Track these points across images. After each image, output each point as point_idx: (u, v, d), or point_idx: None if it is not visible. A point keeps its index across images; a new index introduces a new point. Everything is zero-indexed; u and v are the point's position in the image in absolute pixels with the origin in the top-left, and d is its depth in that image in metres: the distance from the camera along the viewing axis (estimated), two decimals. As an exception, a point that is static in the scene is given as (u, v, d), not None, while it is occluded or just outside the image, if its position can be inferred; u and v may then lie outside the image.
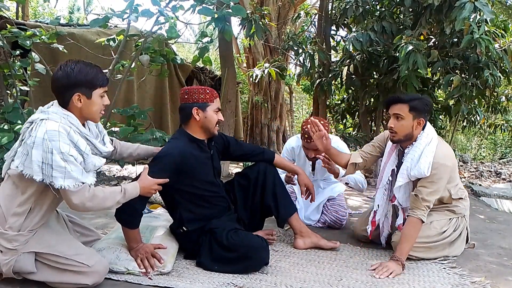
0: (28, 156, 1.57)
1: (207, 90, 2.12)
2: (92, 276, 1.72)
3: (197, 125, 2.11)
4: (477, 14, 3.45)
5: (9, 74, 4.13)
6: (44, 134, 1.55)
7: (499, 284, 1.99)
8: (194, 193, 2.13)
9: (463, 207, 2.33)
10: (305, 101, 15.95)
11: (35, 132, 1.57)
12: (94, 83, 1.69)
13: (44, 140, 1.54)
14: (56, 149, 1.54)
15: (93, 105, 1.71)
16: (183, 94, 2.13)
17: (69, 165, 1.57)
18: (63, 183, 1.57)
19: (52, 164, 1.54)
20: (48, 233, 1.74)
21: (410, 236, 2.12)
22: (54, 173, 1.55)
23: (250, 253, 1.99)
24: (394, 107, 2.21)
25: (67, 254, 1.70)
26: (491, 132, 8.36)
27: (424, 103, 2.17)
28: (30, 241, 1.68)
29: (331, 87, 5.19)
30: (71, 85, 1.65)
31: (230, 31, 3.65)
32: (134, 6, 3.26)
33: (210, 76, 8.46)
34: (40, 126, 1.58)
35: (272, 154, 2.44)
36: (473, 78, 4.15)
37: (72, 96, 1.66)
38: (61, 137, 1.56)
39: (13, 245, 1.64)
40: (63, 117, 1.64)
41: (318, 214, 2.91)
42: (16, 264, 1.65)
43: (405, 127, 2.18)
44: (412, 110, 2.16)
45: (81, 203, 1.63)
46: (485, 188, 5.33)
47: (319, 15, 5.69)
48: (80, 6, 17.78)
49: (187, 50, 19.24)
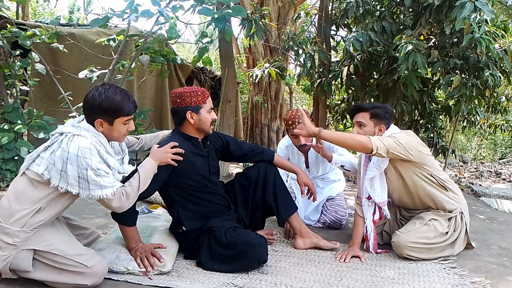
0: (55, 167, 1.66)
1: (199, 91, 2.11)
2: (90, 277, 1.73)
3: (192, 127, 2.14)
4: (477, 14, 3.45)
5: (9, 74, 4.13)
6: (78, 151, 1.64)
7: (499, 284, 1.99)
8: (189, 189, 2.14)
9: (456, 204, 2.32)
10: (305, 101, 15.95)
11: (67, 147, 1.65)
12: (118, 112, 1.75)
13: (78, 157, 1.63)
14: (89, 166, 1.65)
15: (114, 131, 1.80)
16: (174, 98, 2.12)
17: (102, 178, 1.69)
18: (101, 194, 1.70)
19: (87, 179, 1.66)
20: (49, 231, 1.75)
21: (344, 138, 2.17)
22: (91, 187, 1.68)
23: (248, 250, 2.00)
24: (357, 115, 2.36)
25: (67, 254, 1.70)
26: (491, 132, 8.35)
27: (384, 111, 2.33)
28: (31, 238, 1.69)
29: (331, 87, 5.19)
30: (95, 110, 1.74)
31: (230, 32, 3.65)
32: (134, 6, 3.26)
33: (210, 76, 8.46)
34: (73, 141, 1.66)
35: (272, 154, 2.44)
36: (473, 78, 4.15)
37: (94, 121, 1.74)
38: (92, 154, 1.66)
39: (13, 241, 1.65)
40: (94, 136, 1.73)
41: (317, 214, 2.91)
42: (13, 261, 1.66)
43: (369, 133, 2.30)
44: (373, 117, 2.32)
45: (120, 205, 1.78)
46: (485, 188, 5.33)
47: (319, 15, 5.69)
48: (80, 6, 17.79)
49: (187, 50, 19.24)
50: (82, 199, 1.75)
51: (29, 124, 4.08)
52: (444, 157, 5.74)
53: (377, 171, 2.27)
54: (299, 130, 2.35)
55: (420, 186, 2.28)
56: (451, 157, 6.77)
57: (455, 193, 2.36)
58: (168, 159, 1.99)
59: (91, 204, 3.12)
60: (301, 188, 2.41)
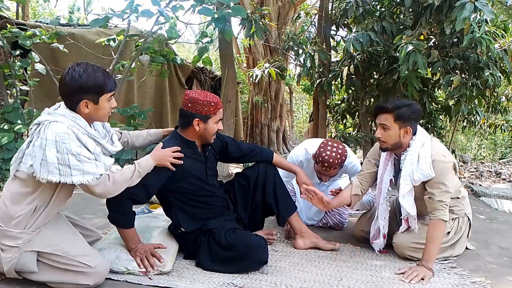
0: (37, 158, 1.60)
1: (212, 103, 2.04)
2: (93, 277, 1.73)
3: (195, 134, 2.10)
4: (477, 14, 3.45)
5: (9, 74, 4.13)
6: (55, 136, 1.58)
7: (499, 284, 1.99)
8: (186, 193, 2.12)
9: (462, 207, 2.32)
10: (305, 101, 15.96)
11: (44, 134, 1.60)
12: (102, 89, 1.71)
13: (57, 142, 1.58)
14: (69, 151, 1.59)
15: (100, 109, 1.75)
16: (187, 101, 2.06)
17: (83, 164, 1.63)
18: (83, 179, 1.63)
19: (69, 164, 1.60)
20: (52, 232, 1.74)
21: (436, 238, 2.07)
22: (73, 172, 1.61)
23: (248, 252, 1.99)
24: (380, 117, 2.16)
25: (70, 254, 1.70)
26: (491, 132, 8.34)
27: (410, 111, 2.11)
28: (33, 239, 1.68)
29: (331, 87, 5.18)
30: (78, 91, 1.67)
31: (230, 31, 3.65)
32: (134, 6, 3.26)
33: (210, 76, 8.46)
34: (49, 128, 1.60)
35: (271, 154, 2.44)
36: (473, 78, 4.14)
37: (79, 102, 1.69)
38: (70, 138, 1.61)
39: (16, 243, 1.65)
40: (71, 119, 1.67)
41: (321, 214, 2.90)
42: (18, 262, 1.66)
43: (392, 137, 2.14)
44: (398, 119, 2.11)
45: (105, 192, 1.72)
46: (485, 188, 5.33)
47: (319, 15, 5.69)
48: (80, 6, 17.79)
49: (187, 50, 19.24)
50: (82, 199, 1.75)
51: (29, 124, 4.08)
52: (444, 157, 5.73)
53: (412, 182, 2.12)
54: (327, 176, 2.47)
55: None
56: (451, 157, 6.75)
57: (464, 199, 2.35)
58: (167, 163, 1.96)
59: (91, 204, 3.12)
60: (300, 189, 2.40)
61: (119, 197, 1.85)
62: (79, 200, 1.86)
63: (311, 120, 6.59)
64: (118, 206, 1.90)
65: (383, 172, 2.29)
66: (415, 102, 2.18)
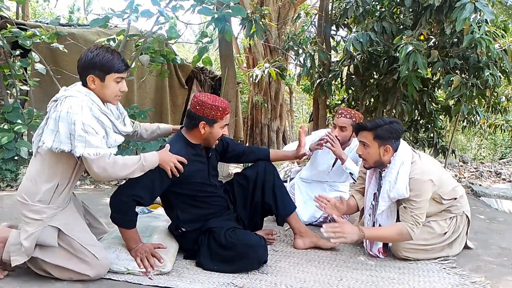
0: (52, 130, 1.68)
1: (220, 107, 2.04)
2: (96, 268, 1.78)
3: (200, 136, 2.10)
4: (477, 15, 3.45)
5: (9, 74, 4.13)
6: (69, 108, 1.66)
7: (499, 284, 1.99)
8: (188, 195, 2.13)
9: (460, 205, 2.33)
10: (305, 101, 15.96)
11: (60, 107, 1.68)
12: (109, 67, 1.77)
13: (68, 113, 1.65)
14: (78, 121, 1.65)
15: (107, 88, 1.80)
16: (195, 103, 2.05)
17: (89, 136, 1.67)
18: (83, 151, 1.67)
19: (74, 134, 1.66)
20: (72, 217, 1.83)
21: (388, 235, 2.15)
22: (76, 143, 1.66)
23: (248, 251, 2.00)
24: (360, 134, 2.21)
25: (83, 242, 1.77)
26: (491, 132, 8.35)
27: (389, 131, 2.12)
28: (58, 215, 1.76)
29: (331, 87, 5.19)
30: (87, 67, 1.76)
31: (230, 31, 3.65)
32: (134, 6, 3.26)
33: (210, 76, 8.45)
34: (65, 102, 1.70)
35: (267, 150, 2.50)
36: (473, 78, 4.15)
37: (87, 77, 1.77)
38: (84, 110, 1.68)
39: (40, 216, 1.73)
40: (85, 95, 1.75)
41: (320, 212, 2.90)
42: (41, 235, 1.72)
43: (372, 155, 2.17)
44: (377, 138, 2.14)
45: (102, 170, 1.72)
46: (485, 188, 5.32)
47: (319, 15, 5.69)
48: (80, 6, 17.77)
49: (187, 50, 19.24)
50: (82, 199, 1.77)
51: (29, 124, 4.08)
52: (444, 157, 5.74)
53: (389, 200, 2.18)
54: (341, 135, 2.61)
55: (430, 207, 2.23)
56: (451, 157, 6.77)
57: (462, 198, 2.35)
58: (167, 167, 1.95)
59: (92, 204, 3.12)
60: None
61: (122, 197, 1.88)
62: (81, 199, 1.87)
63: (311, 120, 6.59)
64: (121, 207, 1.91)
65: (367, 187, 2.35)
66: (396, 120, 2.21)
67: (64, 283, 1.78)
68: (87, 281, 1.80)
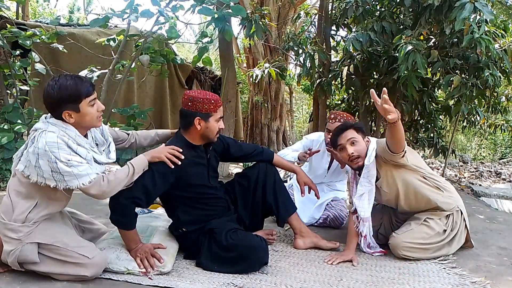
0: (31, 163, 1.67)
1: (212, 100, 2.05)
2: (91, 268, 1.78)
3: (197, 133, 2.09)
4: (477, 15, 3.45)
5: (9, 74, 4.14)
6: (45, 145, 1.64)
7: (499, 284, 1.99)
8: (189, 197, 2.13)
9: (451, 200, 2.32)
10: (305, 101, 15.95)
11: (37, 143, 1.67)
12: (78, 96, 1.73)
13: (46, 151, 1.64)
14: (58, 159, 1.65)
15: (85, 116, 1.76)
16: (186, 100, 2.06)
17: (75, 168, 1.68)
18: (79, 183, 1.70)
19: (60, 172, 1.66)
20: (51, 226, 1.81)
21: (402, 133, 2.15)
22: (67, 178, 1.68)
23: (249, 253, 2.00)
24: (345, 135, 2.26)
25: (69, 246, 1.77)
26: (491, 132, 8.35)
27: (361, 125, 2.36)
28: (34, 232, 1.75)
29: (331, 87, 5.18)
30: (56, 104, 1.72)
31: (230, 31, 3.65)
32: (134, 6, 3.27)
33: (210, 76, 8.46)
34: (41, 137, 1.68)
35: (271, 154, 2.45)
36: (473, 78, 4.14)
37: (61, 114, 1.73)
38: (60, 147, 1.66)
39: (17, 235, 1.72)
40: (61, 129, 1.72)
41: (320, 213, 2.91)
42: (20, 254, 1.73)
43: (362, 147, 2.26)
44: (360, 131, 2.29)
45: (101, 192, 1.76)
46: (485, 188, 5.33)
47: (319, 15, 5.69)
48: (80, 6, 17.78)
49: (187, 50, 19.23)
50: (82, 199, 1.77)
51: (29, 124, 4.08)
52: (444, 157, 5.74)
53: (368, 185, 2.24)
54: None
55: (416, 190, 2.25)
56: (451, 157, 6.77)
57: (450, 192, 2.36)
58: (162, 155, 1.94)
59: (92, 204, 3.12)
60: (301, 187, 2.41)
61: (122, 199, 1.87)
62: (79, 200, 1.87)
63: (311, 120, 6.59)
64: (121, 208, 1.91)
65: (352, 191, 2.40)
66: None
67: (64, 283, 1.78)
68: (87, 280, 1.80)
